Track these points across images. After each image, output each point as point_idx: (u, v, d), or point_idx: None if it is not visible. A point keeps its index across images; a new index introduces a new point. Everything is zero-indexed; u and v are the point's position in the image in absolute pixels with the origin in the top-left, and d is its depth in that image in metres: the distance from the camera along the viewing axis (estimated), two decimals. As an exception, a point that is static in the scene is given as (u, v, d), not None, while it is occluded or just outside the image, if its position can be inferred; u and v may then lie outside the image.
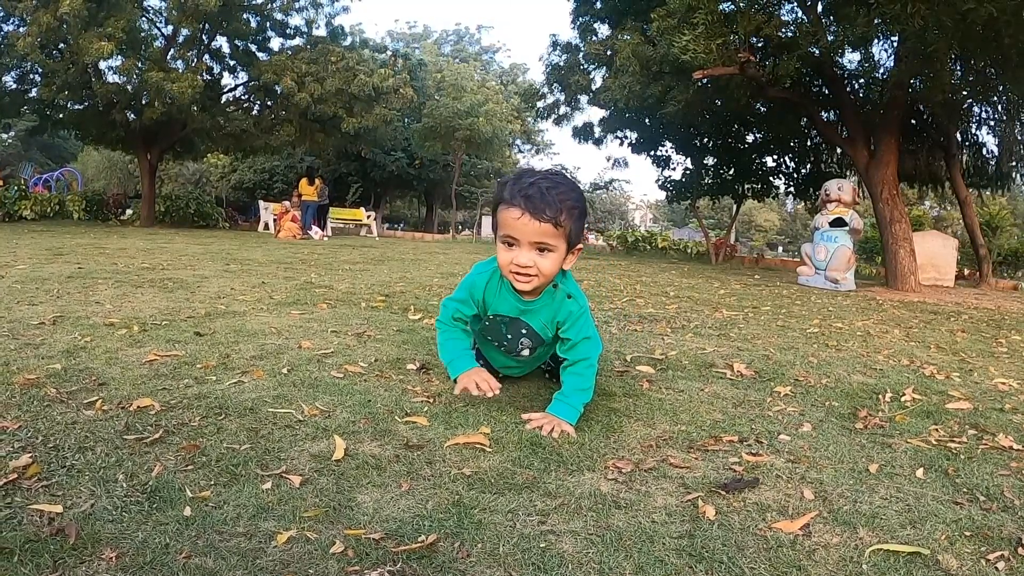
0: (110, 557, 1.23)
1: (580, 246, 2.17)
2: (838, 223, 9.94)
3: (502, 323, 2.33)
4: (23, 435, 1.77)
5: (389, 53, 24.78)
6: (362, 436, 1.90)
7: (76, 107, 18.00)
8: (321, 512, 1.44)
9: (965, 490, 1.74)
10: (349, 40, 21.75)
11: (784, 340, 4.08)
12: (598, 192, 33.97)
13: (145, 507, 1.43)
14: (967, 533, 1.48)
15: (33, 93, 17.52)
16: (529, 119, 29.34)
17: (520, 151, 41.18)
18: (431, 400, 2.28)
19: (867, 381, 3.02)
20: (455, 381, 2.29)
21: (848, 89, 11.88)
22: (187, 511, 1.40)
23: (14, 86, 17.48)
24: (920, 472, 1.84)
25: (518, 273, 2.09)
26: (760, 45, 10.42)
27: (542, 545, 1.32)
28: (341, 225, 21.60)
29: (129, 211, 20.94)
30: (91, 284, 4.76)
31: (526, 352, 2.40)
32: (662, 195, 19.82)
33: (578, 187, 2.13)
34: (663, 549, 1.33)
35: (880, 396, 2.71)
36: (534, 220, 1.99)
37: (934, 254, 13.45)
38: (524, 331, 2.32)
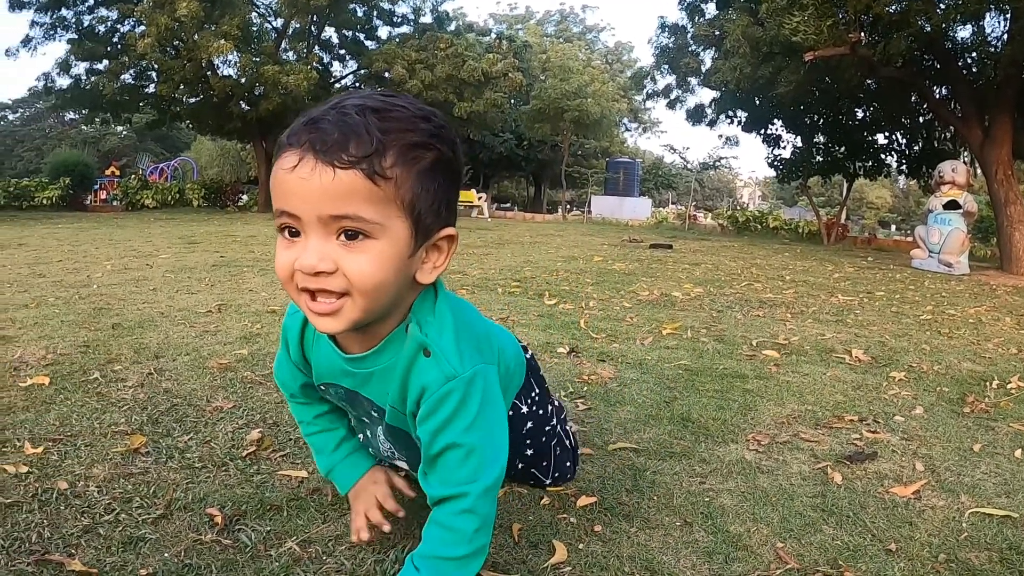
0: (367, 511, 1.48)
1: (450, 231, 1.12)
2: (952, 206, 9.85)
3: (342, 399, 1.33)
4: (241, 413, 2.08)
5: (493, 36, 25.09)
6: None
7: (192, 101, 18.99)
8: (522, 474, 1.80)
9: (1058, 468, 2.01)
10: (453, 25, 22.22)
11: (898, 327, 4.30)
12: (707, 171, 33.55)
13: (377, 471, 1.76)
14: (1054, 502, 1.77)
15: (151, 89, 18.55)
16: (636, 98, 29.18)
17: (627, 130, 41.03)
18: (588, 380, 2.65)
19: (976, 369, 3.26)
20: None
21: (960, 64, 11.63)
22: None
23: (132, 83, 18.57)
24: (1018, 453, 2.11)
25: (307, 291, 1.05)
26: (870, 23, 10.35)
27: (706, 499, 1.68)
28: (451, 207, 22.06)
29: (244, 197, 21.81)
30: (237, 273, 5.26)
31: (403, 463, 1.45)
32: (770, 172, 19.63)
33: (433, 112, 1.12)
34: (802, 505, 1.68)
35: (987, 383, 2.95)
36: (323, 166, 0.99)
37: (1051, 235, 13.05)
38: (375, 413, 1.31)
